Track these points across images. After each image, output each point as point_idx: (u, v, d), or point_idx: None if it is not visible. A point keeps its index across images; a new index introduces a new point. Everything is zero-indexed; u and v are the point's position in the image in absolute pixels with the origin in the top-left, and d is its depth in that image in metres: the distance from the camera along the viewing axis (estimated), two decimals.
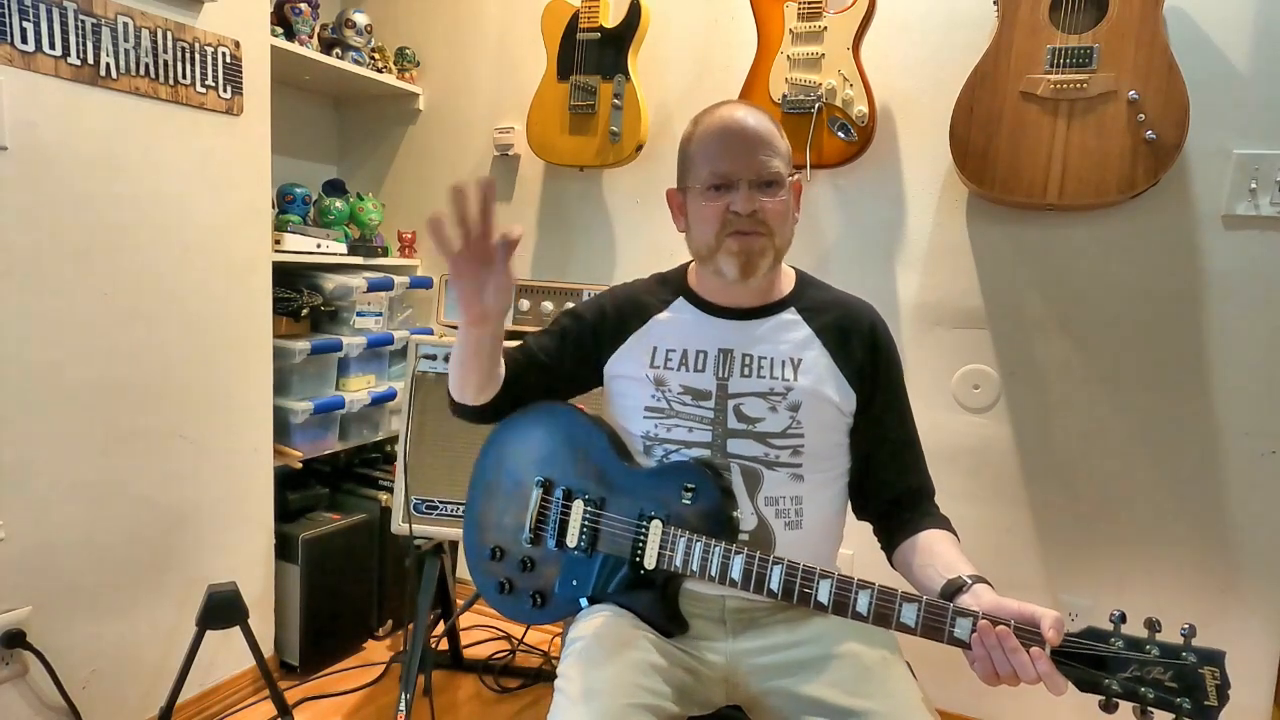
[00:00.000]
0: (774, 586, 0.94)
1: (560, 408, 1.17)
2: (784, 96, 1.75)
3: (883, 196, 1.84)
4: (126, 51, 1.51)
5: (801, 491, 1.07)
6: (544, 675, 2.03)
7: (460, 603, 2.28)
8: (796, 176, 1.13)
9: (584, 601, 1.09)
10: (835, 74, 1.71)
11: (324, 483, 2.15)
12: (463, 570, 2.41)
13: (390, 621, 2.21)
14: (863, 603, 0.89)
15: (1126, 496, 1.67)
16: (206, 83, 1.65)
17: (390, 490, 2.16)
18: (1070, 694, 0.80)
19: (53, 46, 1.40)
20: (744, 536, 1.06)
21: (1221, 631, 1.61)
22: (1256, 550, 1.58)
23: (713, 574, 0.98)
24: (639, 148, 1.94)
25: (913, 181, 1.81)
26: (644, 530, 1.04)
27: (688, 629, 1.07)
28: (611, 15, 1.95)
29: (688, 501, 1.03)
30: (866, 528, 1.17)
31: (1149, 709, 0.76)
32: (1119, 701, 0.77)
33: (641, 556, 1.03)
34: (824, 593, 0.91)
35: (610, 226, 2.15)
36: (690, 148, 1.10)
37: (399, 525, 1.76)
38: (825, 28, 1.72)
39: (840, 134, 1.73)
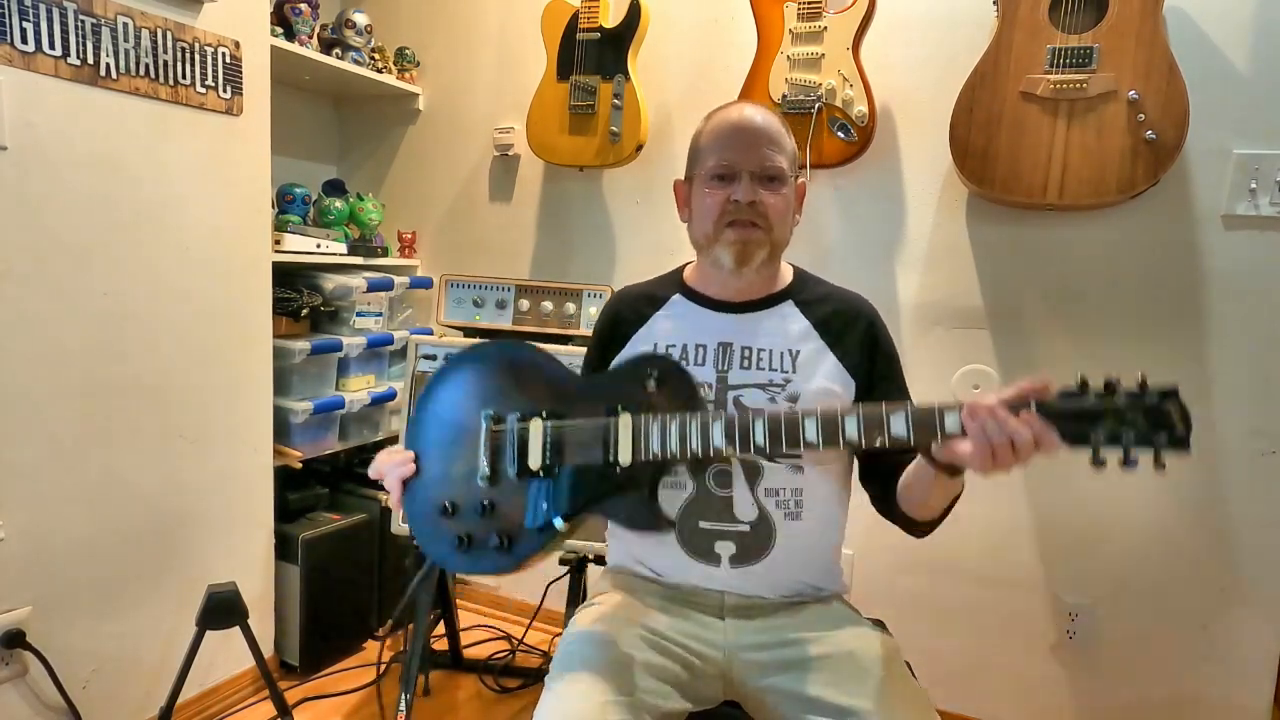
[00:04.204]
0: (760, 440, 0.91)
1: (488, 345, 1.11)
2: (784, 96, 1.75)
3: (883, 196, 1.84)
4: (126, 51, 1.51)
5: (802, 483, 1.08)
6: (544, 675, 2.03)
7: (460, 603, 2.28)
8: (802, 179, 1.15)
9: (558, 522, 0.98)
10: (835, 74, 1.71)
11: (324, 483, 2.15)
12: None
13: (390, 621, 2.21)
14: (850, 428, 0.88)
15: (1126, 496, 1.67)
16: (206, 83, 1.65)
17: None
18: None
19: (53, 46, 1.40)
20: (744, 528, 1.07)
21: (1221, 631, 1.61)
22: (1256, 550, 1.58)
23: (695, 448, 0.93)
24: (639, 148, 1.94)
25: (913, 181, 1.81)
26: (613, 427, 0.97)
27: (674, 527, 1.06)
28: (611, 15, 1.95)
29: (652, 388, 0.98)
30: (867, 528, 1.17)
31: (1132, 453, 0.80)
32: (1104, 458, 0.81)
33: (616, 454, 0.96)
34: (810, 431, 0.89)
35: (610, 226, 2.15)
36: (700, 140, 1.14)
37: (399, 525, 1.76)
38: (825, 28, 1.72)
39: (840, 134, 1.73)
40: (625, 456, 0.95)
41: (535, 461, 0.99)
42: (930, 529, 1.08)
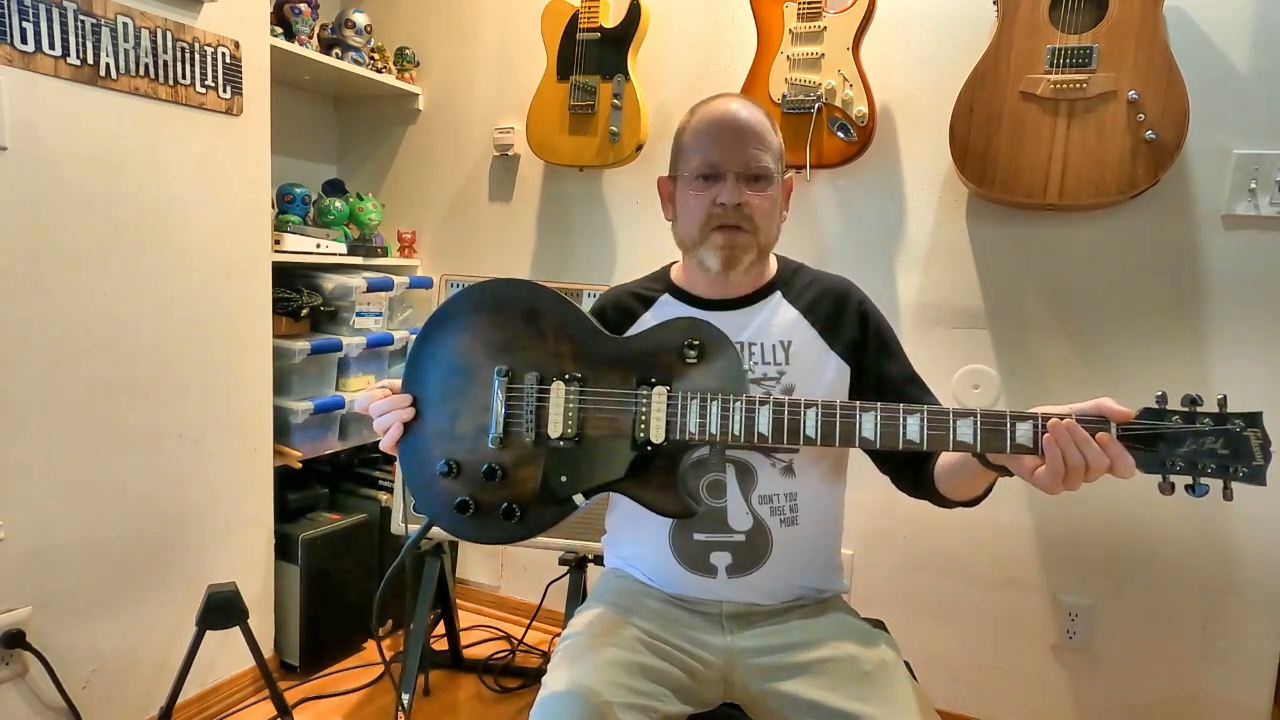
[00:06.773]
0: (810, 432, 0.86)
1: (505, 282, 0.99)
2: (784, 96, 1.75)
3: (883, 196, 1.84)
4: (126, 51, 1.51)
5: (795, 488, 1.07)
6: (543, 676, 2.03)
7: (460, 603, 2.28)
8: (789, 175, 1.14)
9: (579, 499, 0.91)
10: (835, 74, 1.71)
11: (324, 483, 2.15)
12: (463, 570, 2.41)
13: (390, 621, 2.21)
14: (913, 429, 0.83)
15: (1126, 496, 1.67)
16: (206, 83, 1.65)
17: (390, 490, 2.15)
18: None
19: (52, 46, 1.40)
20: (739, 538, 1.06)
21: (1221, 631, 1.61)
22: (1256, 550, 1.58)
23: (736, 432, 0.87)
24: (639, 148, 1.94)
25: (913, 181, 1.81)
26: (644, 401, 0.90)
27: (701, 507, 1.02)
28: (611, 15, 1.95)
29: (693, 360, 0.90)
30: (867, 528, 1.17)
31: (1202, 482, 0.78)
32: (1174, 482, 0.79)
33: (646, 431, 0.89)
34: (869, 427, 0.84)
35: (610, 226, 2.15)
36: (683, 137, 1.10)
37: (399, 525, 1.76)
38: (825, 28, 1.72)
39: (840, 134, 1.73)
40: (657, 433, 0.89)
41: (555, 430, 0.92)
42: (969, 505, 1.05)
